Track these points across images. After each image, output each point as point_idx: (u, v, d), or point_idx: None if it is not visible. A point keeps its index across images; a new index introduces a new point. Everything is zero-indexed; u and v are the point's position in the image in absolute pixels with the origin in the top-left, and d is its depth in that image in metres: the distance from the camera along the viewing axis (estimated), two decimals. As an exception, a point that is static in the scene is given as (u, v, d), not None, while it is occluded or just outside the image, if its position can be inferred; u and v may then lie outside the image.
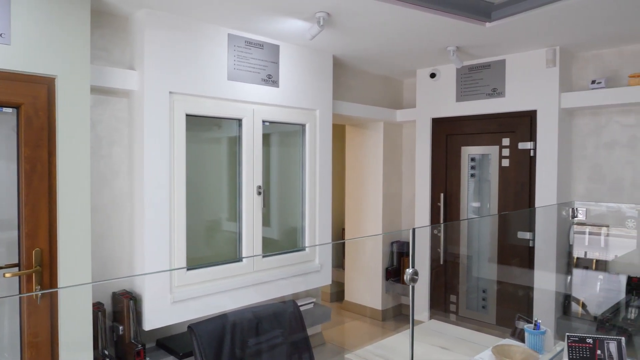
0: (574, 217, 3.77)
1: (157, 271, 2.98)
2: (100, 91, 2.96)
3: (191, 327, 1.87)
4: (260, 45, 3.51)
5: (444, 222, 4.58)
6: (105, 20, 3.00)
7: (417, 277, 1.65)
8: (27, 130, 2.41)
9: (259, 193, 3.54)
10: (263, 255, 3.59)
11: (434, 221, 4.60)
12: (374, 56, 4.17)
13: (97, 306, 2.84)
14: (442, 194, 4.51)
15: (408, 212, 5.11)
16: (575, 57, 3.95)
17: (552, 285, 3.82)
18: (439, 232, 4.63)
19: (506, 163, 4.12)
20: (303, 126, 3.92)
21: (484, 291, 4.36)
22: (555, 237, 3.83)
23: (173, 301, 3.02)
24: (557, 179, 3.79)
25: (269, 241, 3.80)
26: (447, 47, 3.79)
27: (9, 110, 2.43)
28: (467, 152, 4.40)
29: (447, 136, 4.48)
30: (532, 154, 3.94)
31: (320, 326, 4.26)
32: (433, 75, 4.47)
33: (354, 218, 5.24)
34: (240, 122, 3.48)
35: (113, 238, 3.07)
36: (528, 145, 3.95)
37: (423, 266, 4.58)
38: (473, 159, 4.40)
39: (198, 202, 3.32)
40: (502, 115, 4.09)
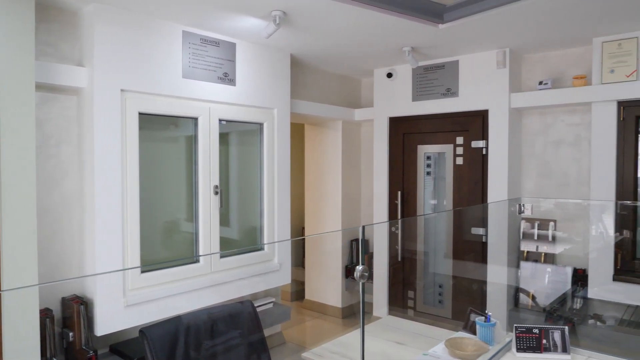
0: (521, 213, 3.92)
1: (109, 271, 2.89)
2: (47, 88, 2.84)
3: (143, 331, 1.82)
4: (216, 43, 3.46)
5: (392, 220, 4.66)
6: (52, 14, 2.88)
7: (367, 274, 1.67)
8: (-34, 129, 2.28)
9: (216, 193, 3.49)
10: (221, 255, 3.54)
11: (392, 219, 4.67)
12: (332, 55, 4.19)
13: (45, 312, 2.73)
14: (400, 192, 4.59)
15: (367, 210, 5.18)
16: (524, 59, 4.11)
17: (504, 278, 3.97)
18: (397, 229, 4.71)
19: (460, 161, 4.24)
20: (261, 125, 3.89)
21: (441, 286, 4.47)
22: (506, 232, 3.97)
23: (127, 305, 2.94)
24: (508, 176, 3.93)
25: (228, 241, 3.76)
26: (403, 48, 3.86)
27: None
28: (423, 151, 4.50)
29: (404, 135, 4.57)
30: (485, 152, 4.07)
31: (280, 326, 4.25)
32: (390, 75, 4.54)
33: (314, 216, 5.26)
34: (196, 121, 3.42)
35: (63, 241, 2.96)
36: (480, 143, 4.08)
37: (381, 263, 4.64)
38: (429, 158, 4.50)
39: (153, 203, 3.24)
40: (456, 114, 4.21)
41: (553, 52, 3.96)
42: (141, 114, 3.09)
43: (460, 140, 4.23)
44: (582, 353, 2.21)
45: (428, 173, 4.50)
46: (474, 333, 2.39)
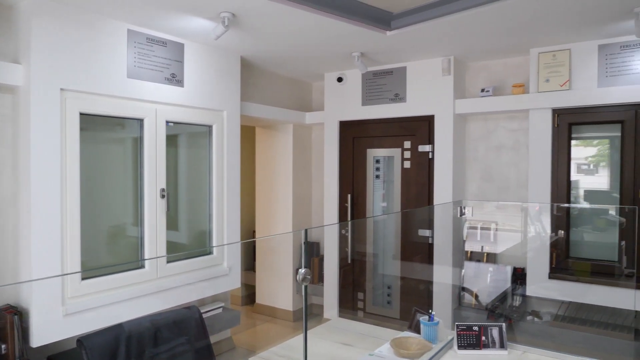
0: (462, 215, 4.07)
1: (45, 277, 2.75)
2: (-23, 86, 2.68)
3: (80, 341, 1.75)
4: (163, 42, 3.38)
5: (341, 222, 4.72)
6: (-17, 7, 2.72)
7: (310, 277, 1.68)
8: None
9: (163, 196, 3.41)
10: (167, 259, 3.46)
11: (343, 221, 4.72)
12: (283, 58, 4.19)
13: (-25, 324, 2.57)
14: (350, 195, 4.65)
15: (318, 213, 5.21)
16: (467, 67, 4.28)
17: (449, 278, 4.11)
18: (347, 232, 4.76)
19: (408, 165, 4.35)
20: (210, 127, 3.84)
21: (389, 287, 4.56)
22: (451, 234, 4.11)
23: (65, 314, 2.81)
24: (453, 180, 4.07)
25: (177, 245, 3.68)
26: (352, 53, 3.92)
27: None
28: (373, 154, 4.58)
29: (354, 138, 4.63)
30: (431, 156, 4.19)
31: (229, 331, 4.19)
32: (340, 79, 4.60)
33: (265, 220, 5.23)
34: (141, 123, 3.33)
35: (-6, 248, 2.79)
36: (427, 148, 4.20)
37: (332, 265, 4.68)
38: (378, 161, 4.59)
39: (96, 206, 3.12)
40: (404, 119, 4.31)
41: (495, 61, 4.15)
42: (82, 114, 2.97)
43: (407, 144, 4.35)
44: (519, 348, 2.32)
45: (377, 176, 4.59)
46: (419, 332, 2.46)
